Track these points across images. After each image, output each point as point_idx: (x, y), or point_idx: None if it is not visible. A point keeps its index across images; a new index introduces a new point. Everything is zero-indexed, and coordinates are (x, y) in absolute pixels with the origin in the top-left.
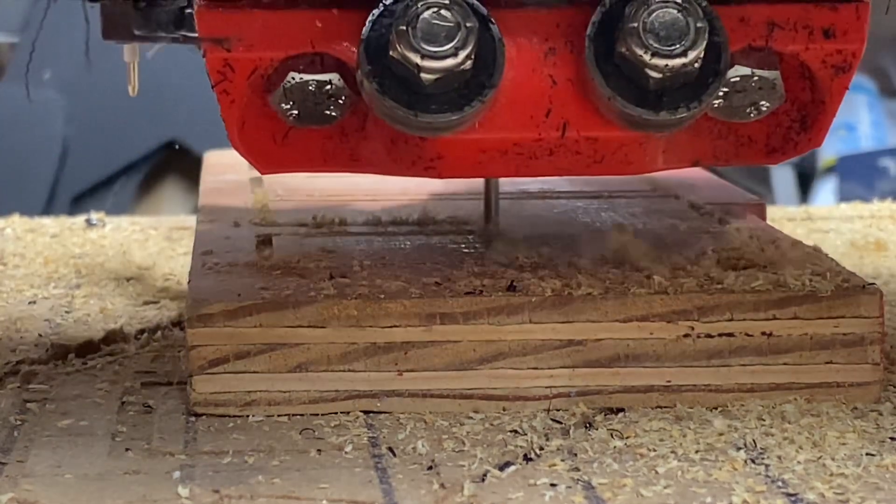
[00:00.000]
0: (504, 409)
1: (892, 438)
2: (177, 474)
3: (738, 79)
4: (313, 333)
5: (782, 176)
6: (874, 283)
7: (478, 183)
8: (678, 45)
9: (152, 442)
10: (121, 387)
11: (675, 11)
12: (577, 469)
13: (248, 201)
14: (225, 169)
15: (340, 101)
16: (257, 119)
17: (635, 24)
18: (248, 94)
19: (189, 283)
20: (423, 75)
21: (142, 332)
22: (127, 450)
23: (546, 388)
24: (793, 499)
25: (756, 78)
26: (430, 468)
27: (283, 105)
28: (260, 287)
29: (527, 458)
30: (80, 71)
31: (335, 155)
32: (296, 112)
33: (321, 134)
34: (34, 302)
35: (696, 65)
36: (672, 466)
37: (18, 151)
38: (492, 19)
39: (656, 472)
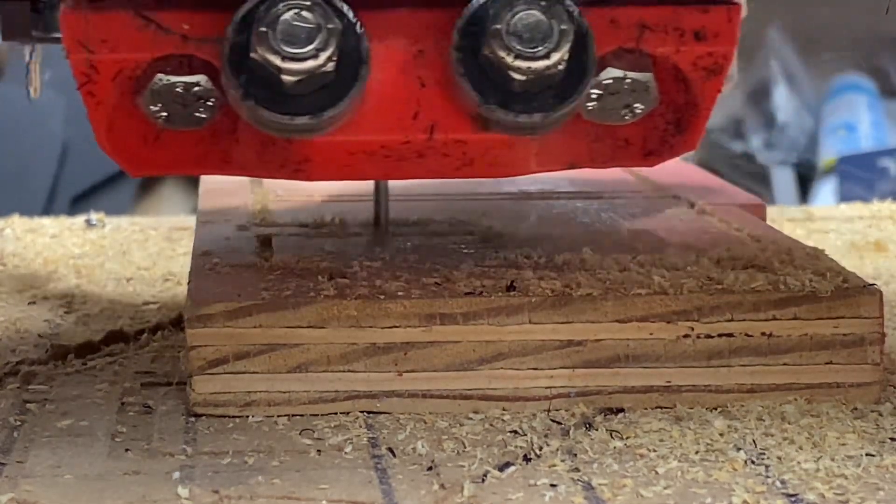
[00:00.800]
0: (504, 410)
1: (892, 439)
2: (176, 475)
3: (610, 81)
4: (313, 334)
5: (782, 176)
6: (874, 284)
7: (475, 183)
8: (541, 48)
9: (152, 442)
10: (120, 387)
11: (539, 13)
12: (577, 469)
13: (248, 201)
14: None
15: (209, 103)
16: (127, 120)
17: (498, 26)
18: (115, 96)
19: (189, 283)
20: (284, 77)
21: (141, 332)
22: (127, 450)
23: (546, 388)
24: (793, 499)
25: (628, 80)
26: (429, 469)
27: (152, 107)
28: (260, 287)
29: (527, 459)
30: None
31: (207, 157)
32: (164, 114)
33: (193, 136)
34: (34, 302)
35: (560, 67)
36: (672, 467)
37: (18, 152)
38: (357, 21)
39: (656, 473)
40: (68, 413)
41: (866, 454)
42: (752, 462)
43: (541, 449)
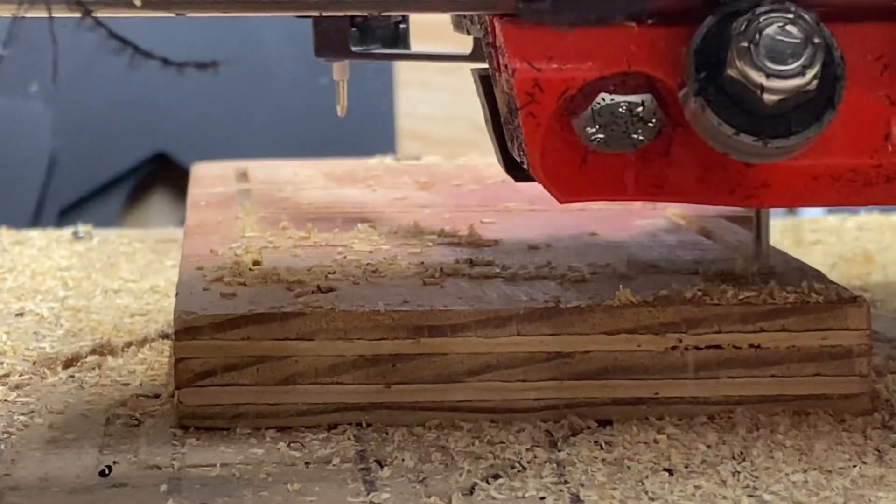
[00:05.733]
0: (492, 422)
1: (879, 450)
2: (164, 487)
3: None
4: (301, 346)
5: None
6: (862, 296)
7: (466, 192)
8: None
9: (139, 455)
10: (108, 399)
11: None
12: (566, 481)
13: (236, 214)
14: (213, 181)
15: (650, 125)
16: (555, 144)
17: None
18: (554, 117)
19: (176, 295)
20: (767, 96)
21: (129, 344)
22: (114, 462)
23: (534, 400)
24: None
25: None
26: (418, 481)
27: (589, 129)
28: (248, 299)
29: (515, 471)
30: (67, 83)
31: (637, 182)
32: (601, 136)
33: (620, 160)
34: (21, 314)
35: None
36: (660, 479)
37: (5, 164)
38: (832, 34)
39: (644, 485)
40: (55, 425)
41: (854, 466)
42: (740, 474)
43: (529, 461)
